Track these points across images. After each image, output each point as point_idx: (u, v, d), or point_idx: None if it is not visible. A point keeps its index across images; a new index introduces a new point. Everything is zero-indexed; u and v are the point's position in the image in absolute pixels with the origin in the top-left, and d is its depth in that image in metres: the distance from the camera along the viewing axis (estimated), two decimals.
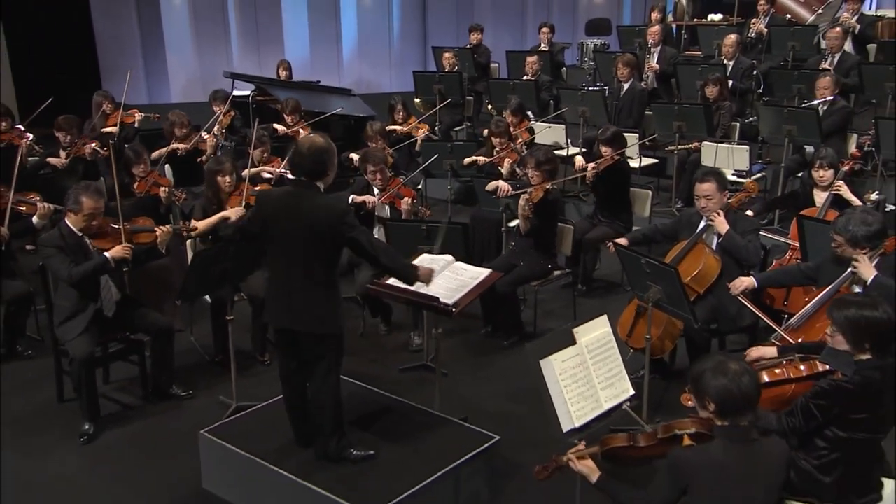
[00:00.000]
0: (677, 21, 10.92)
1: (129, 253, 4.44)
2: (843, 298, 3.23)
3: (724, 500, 2.59)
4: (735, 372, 2.61)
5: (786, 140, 6.67)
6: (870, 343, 2.95)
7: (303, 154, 3.49)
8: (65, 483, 4.06)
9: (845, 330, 2.99)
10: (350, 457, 3.66)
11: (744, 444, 2.62)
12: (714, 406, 2.63)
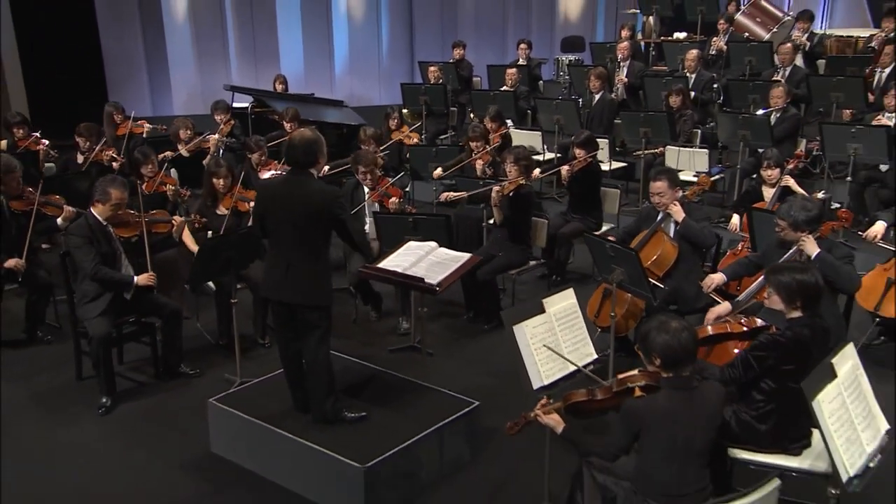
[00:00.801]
0: (645, 39, 11.25)
1: (153, 282, 4.70)
2: (778, 265, 3.52)
3: (671, 441, 2.85)
4: (675, 329, 2.88)
5: (741, 144, 6.99)
6: (800, 302, 3.25)
7: (295, 146, 3.77)
8: (86, 449, 4.27)
9: (780, 291, 3.28)
10: (344, 418, 3.91)
11: (686, 392, 2.88)
12: (659, 360, 2.89)
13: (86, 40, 11.12)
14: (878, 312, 4.90)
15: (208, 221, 5.39)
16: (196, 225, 5.18)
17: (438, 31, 12.99)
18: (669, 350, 2.86)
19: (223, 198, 5.47)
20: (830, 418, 2.69)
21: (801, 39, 9.10)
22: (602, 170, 6.87)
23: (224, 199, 5.47)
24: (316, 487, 3.76)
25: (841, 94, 7.38)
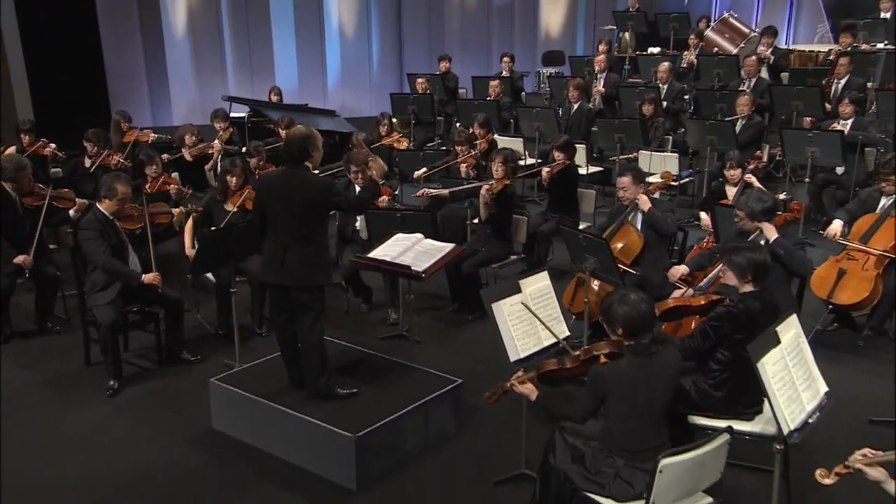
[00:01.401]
0: (621, 53, 11.54)
1: (158, 282, 4.87)
2: (732, 245, 3.76)
3: (633, 402, 3.05)
4: (635, 300, 3.09)
5: (708, 149, 7.25)
6: (751, 276, 3.48)
7: (290, 143, 3.98)
8: (95, 427, 4.43)
9: (733, 268, 3.51)
10: (337, 394, 4.09)
11: (646, 357, 3.09)
12: (621, 330, 3.10)
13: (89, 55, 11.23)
14: (830, 300, 5.13)
15: (215, 216, 5.56)
16: (193, 214, 5.38)
17: (426, 45, 13.19)
18: (630, 320, 3.07)
19: (233, 195, 5.65)
20: (773, 378, 2.90)
21: (766, 53, 9.41)
22: (579, 173, 7.11)
23: (233, 196, 5.65)
24: (310, 458, 3.93)
25: (801, 103, 7.66)
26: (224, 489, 3.86)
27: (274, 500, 3.77)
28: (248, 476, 3.95)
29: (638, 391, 3.05)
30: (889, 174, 5.14)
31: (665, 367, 3.11)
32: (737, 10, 12.12)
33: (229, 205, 5.62)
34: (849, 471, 2.54)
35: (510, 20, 14.04)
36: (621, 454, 3.06)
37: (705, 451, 2.86)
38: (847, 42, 9.11)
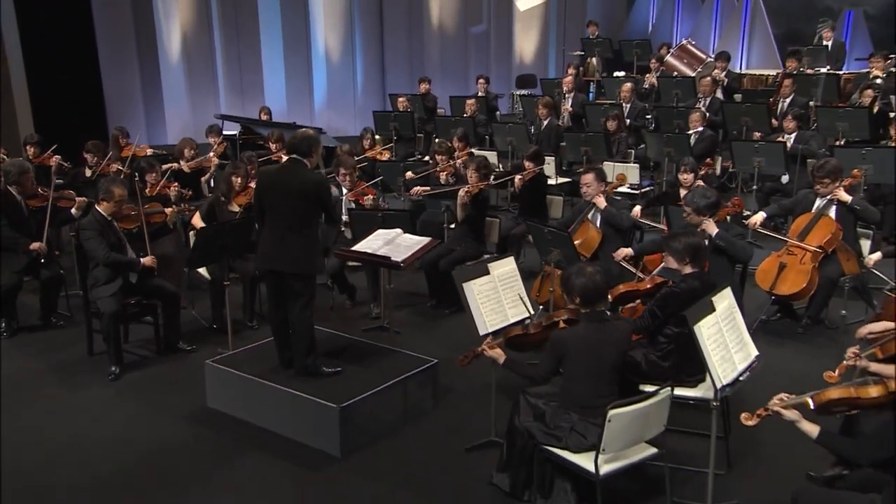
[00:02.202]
0: (589, 77, 11.96)
1: (155, 264, 5.09)
2: (672, 233, 4.05)
3: (587, 362, 3.31)
4: (591, 273, 3.37)
5: (666, 159, 7.60)
6: (689, 258, 3.77)
7: (298, 138, 4.23)
8: (98, 408, 4.61)
9: (672, 252, 3.80)
10: (322, 372, 4.31)
11: (600, 323, 3.37)
12: (579, 298, 3.37)
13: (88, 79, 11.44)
14: (773, 292, 5.44)
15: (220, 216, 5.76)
16: (186, 212, 5.60)
17: (407, 70, 13.52)
18: (586, 290, 3.34)
19: (237, 195, 5.88)
20: (708, 340, 3.17)
21: (720, 76, 9.85)
22: (549, 183, 7.42)
23: (238, 197, 5.88)
24: (298, 428, 4.14)
25: (750, 119, 8.06)
26: (219, 458, 4.05)
27: (265, 467, 3.96)
28: (241, 447, 4.15)
29: (592, 353, 3.31)
30: (823, 177, 5.46)
31: (616, 332, 3.38)
32: (695, 38, 12.60)
33: (233, 205, 5.84)
34: (768, 413, 2.82)
35: (486, 46, 14.46)
36: (577, 410, 3.32)
37: (649, 404, 3.13)
38: (793, 66, 9.57)
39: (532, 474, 3.46)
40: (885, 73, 8.84)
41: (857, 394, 2.76)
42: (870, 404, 2.75)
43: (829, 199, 5.46)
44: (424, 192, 6.53)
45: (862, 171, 6.07)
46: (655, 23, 15.18)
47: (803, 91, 8.71)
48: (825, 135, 7.61)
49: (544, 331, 3.52)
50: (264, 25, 12.76)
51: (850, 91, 8.98)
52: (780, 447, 3.97)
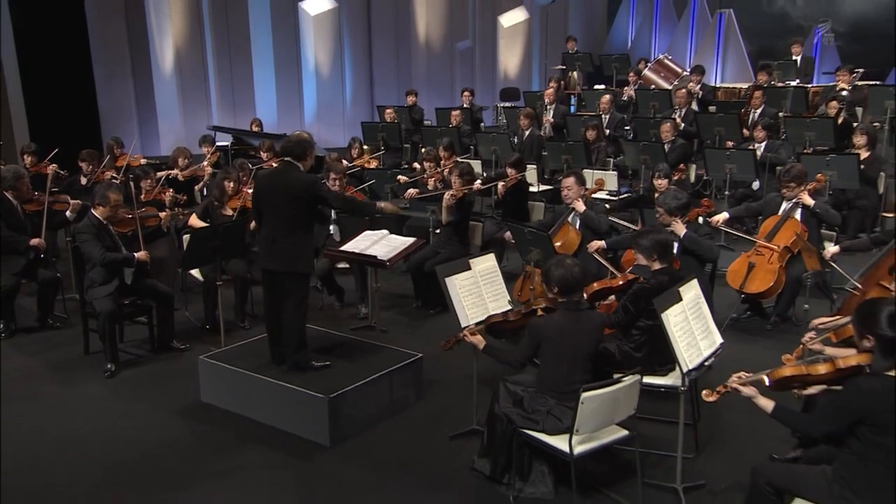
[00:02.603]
0: (570, 90, 12.18)
1: (148, 258, 5.18)
2: (639, 230, 4.21)
3: (563, 349, 3.45)
4: (569, 265, 3.51)
5: (643, 167, 7.79)
6: (656, 255, 3.92)
7: (292, 141, 4.34)
8: (95, 403, 4.69)
9: (640, 250, 3.95)
10: (312, 366, 4.41)
11: (576, 312, 3.50)
12: (557, 288, 3.51)
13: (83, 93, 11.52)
14: (743, 290, 5.61)
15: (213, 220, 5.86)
16: (180, 216, 5.71)
17: (395, 85, 13.68)
18: (564, 281, 3.48)
19: (230, 199, 5.99)
20: (675, 328, 3.32)
21: (695, 88, 10.09)
22: (531, 190, 7.59)
23: (231, 201, 5.99)
24: (289, 419, 4.24)
25: (722, 129, 8.27)
26: (213, 450, 4.14)
27: (257, 457, 4.05)
28: (234, 438, 4.24)
29: (568, 339, 3.45)
30: (789, 182, 5.65)
31: (590, 322, 3.53)
32: (672, 54, 12.88)
33: (227, 209, 5.95)
34: (727, 390, 2.96)
35: (471, 61, 14.67)
36: (553, 395, 3.45)
37: (619, 388, 3.27)
38: (764, 79, 9.83)
39: (511, 458, 3.57)
40: (850, 86, 9.09)
41: (808, 371, 2.91)
42: (818, 380, 2.90)
43: (794, 203, 5.65)
44: (417, 195, 6.67)
45: (826, 177, 6.27)
46: (634, 39, 15.48)
47: (773, 102, 8.95)
48: (793, 143, 7.83)
49: (523, 318, 3.66)
50: (256, 41, 12.88)
51: (818, 103, 9.23)
52: (746, 433, 4.12)
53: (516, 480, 3.58)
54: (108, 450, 4.13)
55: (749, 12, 14.50)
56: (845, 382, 2.72)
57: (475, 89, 12.14)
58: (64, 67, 10.92)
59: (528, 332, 3.51)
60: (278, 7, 12.84)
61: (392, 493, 3.71)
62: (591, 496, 3.58)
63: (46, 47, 10.65)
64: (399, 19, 13.90)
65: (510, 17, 15.04)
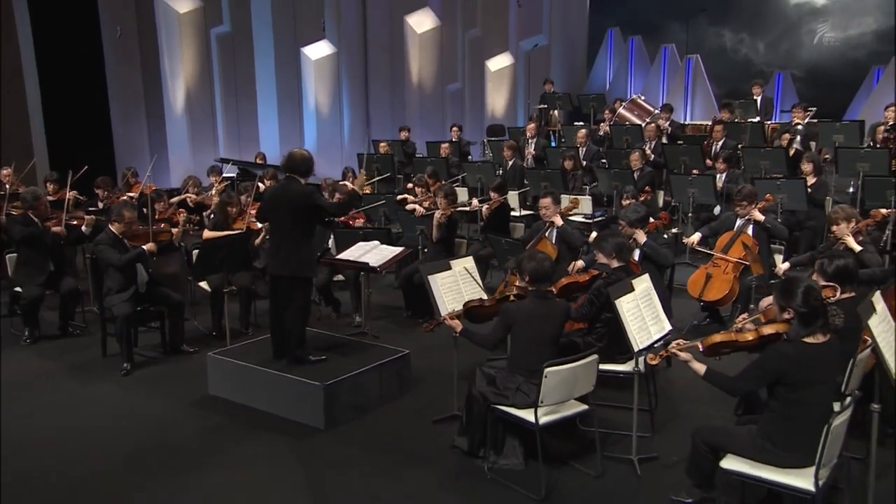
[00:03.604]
0: (551, 127, 12.70)
1: (155, 249, 5.52)
2: (601, 234, 4.58)
3: (532, 331, 3.78)
4: (540, 258, 3.87)
5: (614, 192, 8.21)
6: (615, 255, 4.29)
7: (295, 159, 4.71)
8: (112, 398, 4.97)
9: (602, 250, 4.32)
10: (309, 360, 4.72)
11: (544, 300, 3.85)
12: (528, 278, 3.86)
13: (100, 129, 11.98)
14: (701, 298, 5.96)
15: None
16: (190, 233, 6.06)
17: (390, 124, 14.11)
18: (535, 272, 3.84)
19: (234, 221, 6.35)
20: (628, 314, 3.67)
21: (665, 125, 10.60)
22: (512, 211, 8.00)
23: (235, 222, 6.35)
24: (288, 406, 4.53)
25: (687, 158, 8.73)
26: (220, 435, 4.42)
27: (260, 439, 4.33)
28: (239, 424, 4.52)
29: (536, 323, 3.78)
30: (741, 200, 6.04)
31: (557, 308, 3.88)
32: (646, 94, 13.47)
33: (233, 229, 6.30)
34: (668, 354, 3.30)
35: (461, 101, 15.22)
36: (522, 373, 3.77)
37: (578, 364, 3.60)
38: (726, 116, 10.35)
39: (486, 434, 3.87)
40: (805, 122, 9.61)
41: (736, 338, 3.26)
42: (745, 346, 3.24)
43: (746, 219, 6.04)
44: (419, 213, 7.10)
45: (774, 197, 6.69)
46: (612, 81, 16.11)
47: (734, 136, 9.43)
48: (751, 172, 8.27)
49: (497, 304, 4.00)
50: (260, 83, 13.38)
51: (775, 137, 9.74)
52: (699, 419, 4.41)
53: (491, 454, 3.88)
54: (126, 436, 4.40)
55: (717, 59, 15.20)
56: (766, 348, 3.07)
57: (465, 127, 12.63)
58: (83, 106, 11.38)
59: (500, 315, 3.85)
60: (282, 52, 13.37)
61: (380, 468, 3.99)
62: (557, 467, 3.87)
63: (67, 87, 11.12)
64: (394, 63, 14.46)
65: (497, 62, 15.67)
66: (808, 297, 3.01)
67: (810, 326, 2.98)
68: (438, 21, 14.46)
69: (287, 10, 13.25)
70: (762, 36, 15.22)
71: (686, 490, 3.50)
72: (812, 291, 3.02)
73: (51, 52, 11.00)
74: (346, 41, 13.88)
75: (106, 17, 11.71)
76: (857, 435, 3.47)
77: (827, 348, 3.02)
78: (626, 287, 3.75)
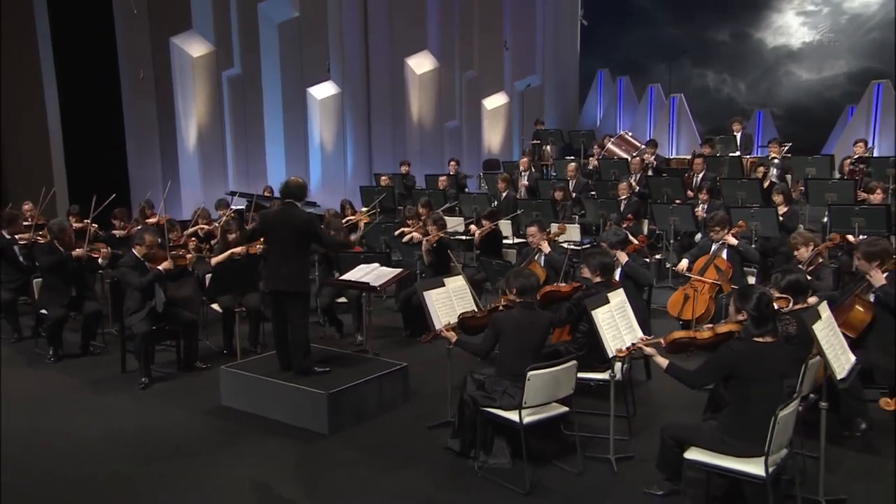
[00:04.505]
0: (544, 162, 13.14)
1: (171, 267, 5.85)
2: (589, 251, 4.93)
3: (518, 339, 4.09)
4: (526, 274, 4.22)
5: (601, 219, 8.58)
6: (599, 272, 4.62)
7: (291, 186, 5.08)
8: (131, 409, 5.25)
9: (588, 265, 4.66)
10: (314, 371, 5.01)
11: (529, 310, 4.17)
12: (515, 290, 4.19)
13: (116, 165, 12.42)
14: (680, 317, 6.28)
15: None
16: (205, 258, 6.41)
17: (391, 159, 14.57)
18: (522, 286, 4.17)
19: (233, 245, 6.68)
20: (603, 323, 3.99)
21: (649, 159, 11.02)
22: (505, 239, 8.36)
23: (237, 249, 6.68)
24: (294, 413, 4.81)
25: (669, 189, 9.12)
26: (232, 440, 4.69)
27: (269, 443, 4.60)
28: (250, 430, 4.80)
29: (522, 332, 4.11)
30: (715, 226, 6.40)
31: (541, 318, 4.21)
32: (634, 131, 13.96)
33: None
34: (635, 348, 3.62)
35: (459, 138, 15.72)
36: (508, 378, 4.06)
37: (559, 369, 3.90)
38: (707, 150, 10.79)
39: (476, 436, 4.16)
40: (780, 156, 10.04)
41: (695, 335, 3.58)
42: (701, 343, 3.56)
43: (721, 243, 6.39)
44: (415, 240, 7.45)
45: (748, 224, 7.06)
46: (603, 118, 16.66)
47: (714, 169, 9.84)
48: (728, 202, 8.64)
49: (488, 314, 4.34)
50: (268, 121, 13.86)
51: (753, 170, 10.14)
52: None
53: (481, 454, 4.15)
54: (147, 441, 4.68)
55: (701, 98, 15.79)
56: (721, 345, 3.39)
57: (462, 161, 13.07)
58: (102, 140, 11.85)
59: (491, 324, 4.18)
60: (289, 92, 13.88)
61: (379, 468, 4.26)
62: (541, 466, 4.15)
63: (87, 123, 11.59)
64: (395, 102, 15.00)
65: (492, 101, 16.23)
66: (761, 302, 3.34)
67: (761, 328, 3.31)
68: (437, 63, 15.03)
69: (294, 53, 13.80)
70: (743, 77, 15.83)
71: (658, 483, 3.78)
72: (764, 298, 3.35)
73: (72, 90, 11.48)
74: (349, 82, 14.42)
75: (125, 58, 12.22)
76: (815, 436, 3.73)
77: (774, 349, 3.34)
78: (602, 300, 4.08)
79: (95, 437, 4.76)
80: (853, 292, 4.65)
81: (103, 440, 4.72)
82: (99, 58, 11.83)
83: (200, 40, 12.71)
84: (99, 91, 11.85)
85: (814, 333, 3.37)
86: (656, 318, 6.70)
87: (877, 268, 4.50)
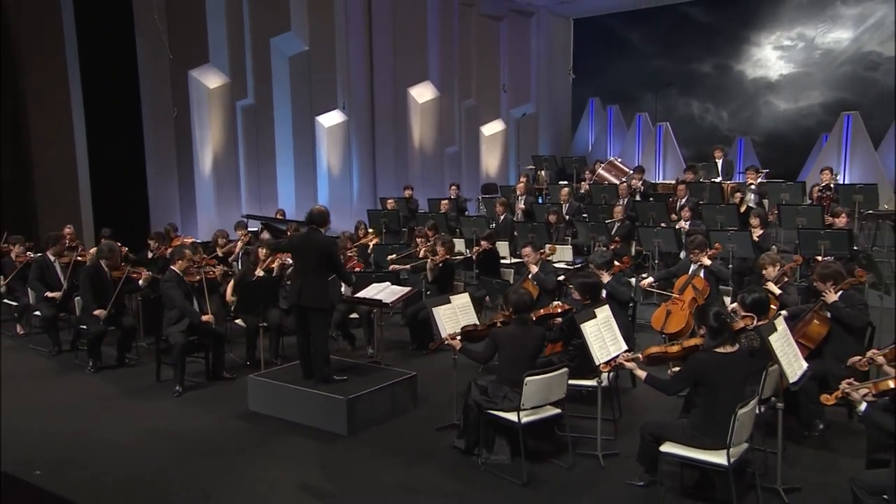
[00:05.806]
0: (539, 186, 13.66)
1: (212, 321, 6.25)
2: (576, 273, 5.40)
3: (514, 350, 4.55)
4: (522, 293, 4.68)
5: (592, 242, 9.07)
6: (588, 295, 5.09)
7: (314, 214, 5.55)
8: (168, 413, 5.68)
9: (576, 289, 5.13)
10: (333, 379, 5.45)
11: (524, 326, 4.63)
12: (511, 308, 4.66)
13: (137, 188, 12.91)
14: (663, 331, 6.74)
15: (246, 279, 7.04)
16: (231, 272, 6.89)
17: (394, 183, 15.09)
18: (518, 303, 4.64)
19: (262, 263, 7.17)
20: (590, 335, 4.45)
21: (637, 184, 11.55)
22: (503, 259, 8.85)
23: (261, 264, 7.16)
24: (316, 417, 5.24)
25: (654, 213, 9.62)
26: (260, 440, 5.12)
27: (291, 443, 5.04)
28: (276, 432, 5.23)
29: (517, 344, 4.56)
30: (693, 248, 6.89)
31: (534, 332, 4.67)
32: (623, 157, 14.48)
33: (258, 271, 7.12)
34: (617, 363, 4.08)
35: (458, 163, 16.26)
36: (508, 384, 4.52)
37: (552, 375, 4.36)
38: (691, 176, 11.33)
39: (479, 436, 4.61)
40: (757, 182, 10.57)
41: (666, 349, 4.05)
42: (673, 356, 4.03)
43: (699, 265, 6.88)
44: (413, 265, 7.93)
45: (724, 246, 7.55)
46: (594, 144, 17.24)
47: (696, 194, 10.36)
48: (708, 225, 9.15)
49: (487, 328, 4.81)
50: (279, 148, 14.35)
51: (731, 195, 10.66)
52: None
53: (483, 452, 4.60)
54: (182, 442, 5.10)
55: (686, 126, 16.39)
56: (688, 358, 3.86)
57: (462, 185, 13.58)
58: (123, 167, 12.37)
59: (490, 338, 4.64)
60: (299, 121, 14.42)
61: (393, 465, 4.69)
62: (537, 462, 4.58)
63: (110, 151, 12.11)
64: (398, 129, 15.55)
65: (490, 128, 16.81)
66: (717, 317, 3.82)
67: (717, 339, 3.78)
68: (438, 92, 15.62)
69: (304, 84, 14.35)
70: (725, 106, 16.44)
71: (638, 475, 4.23)
72: (719, 313, 3.83)
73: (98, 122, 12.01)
74: (355, 110, 14.98)
75: (146, 90, 12.77)
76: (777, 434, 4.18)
77: (735, 357, 3.81)
78: (590, 314, 4.55)
79: (135, 437, 5.19)
80: (812, 308, 5.14)
81: (144, 439, 5.15)
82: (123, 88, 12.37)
83: (216, 73, 13.27)
84: (122, 121, 12.39)
85: (769, 343, 3.84)
86: (642, 332, 7.19)
87: (830, 287, 4.98)
